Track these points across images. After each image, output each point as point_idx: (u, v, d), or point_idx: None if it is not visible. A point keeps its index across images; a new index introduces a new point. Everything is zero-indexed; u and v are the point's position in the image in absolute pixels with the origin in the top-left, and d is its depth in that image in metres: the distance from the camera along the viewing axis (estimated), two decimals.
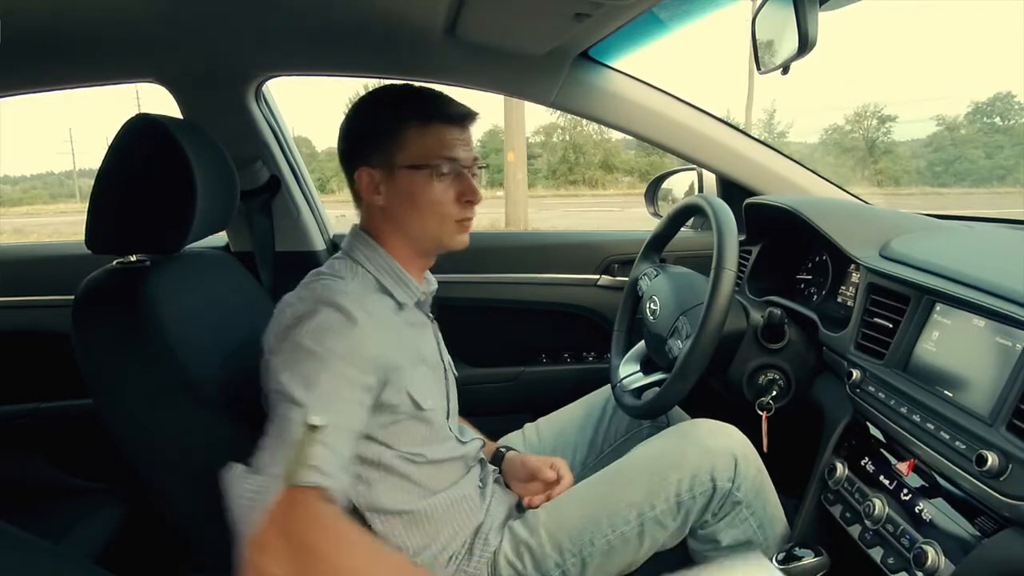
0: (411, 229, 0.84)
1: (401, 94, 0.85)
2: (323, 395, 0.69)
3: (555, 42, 1.12)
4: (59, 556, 0.61)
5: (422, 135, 0.81)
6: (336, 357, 0.71)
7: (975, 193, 15.26)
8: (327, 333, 0.72)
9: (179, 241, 0.83)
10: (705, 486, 0.86)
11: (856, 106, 25.08)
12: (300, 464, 0.66)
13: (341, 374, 0.71)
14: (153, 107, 1.05)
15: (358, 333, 0.73)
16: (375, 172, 0.82)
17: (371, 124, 0.83)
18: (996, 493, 0.62)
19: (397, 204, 0.83)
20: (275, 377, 0.71)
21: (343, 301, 0.74)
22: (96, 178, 0.79)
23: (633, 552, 0.87)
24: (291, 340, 0.72)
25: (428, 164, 0.81)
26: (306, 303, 0.75)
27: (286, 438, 0.67)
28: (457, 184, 0.83)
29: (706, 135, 1.31)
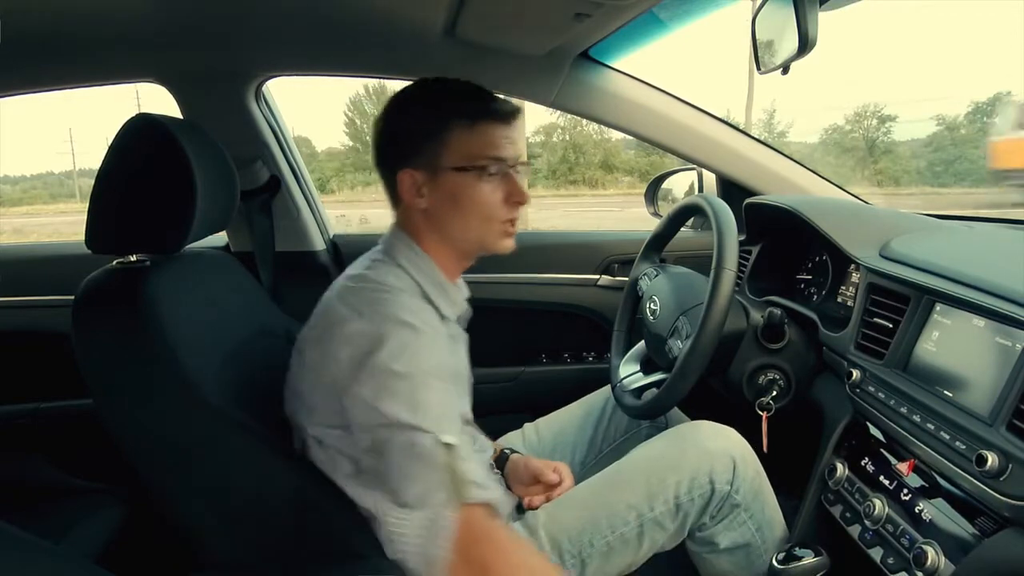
0: (455, 232, 0.81)
1: (445, 91, 0.81)
2: (438, 415, 0.69)
3: (555, 42, 1.12)
4: (59, 556, 0.61)
5: (468, 135, 0.78)
6: (427, 374, 0.70)
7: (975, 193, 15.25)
8: (408, 352, 0.70)
9: (179, 241, 0.83)
10: (703, 488, 0.86)
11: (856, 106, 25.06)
12: (461, 484, 0.66)
13: (439, 388, 0.71)
14: (153, 107, 1.05)
15: (433, 346, 0.73)
16: (418, 174, 0.79)
17: (414, 124, 0.79)
18: (996, 493, 0.62)
19: (441, 207, 0.79)
20: (372, 407, 0.69)
21: (408, 317, 0.72)
22: (96, 178, 0.79)
23: (632, 553, 0.87)
24: (375, 367, 0.69)
25: (475, 165, 0.78)
26: (372, 322, 0.71)
27: (428, 464, 0.66)
28: (504, 185, 0.80)
29: (706, 135, 1.31)
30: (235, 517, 0.79)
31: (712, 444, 0.89)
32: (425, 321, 0.74)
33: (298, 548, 0.79)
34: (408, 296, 0.77)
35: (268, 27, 1.15)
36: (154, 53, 1.19)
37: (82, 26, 1.07)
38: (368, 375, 0.69)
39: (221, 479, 0.78)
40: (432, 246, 0.82)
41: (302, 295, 1.37)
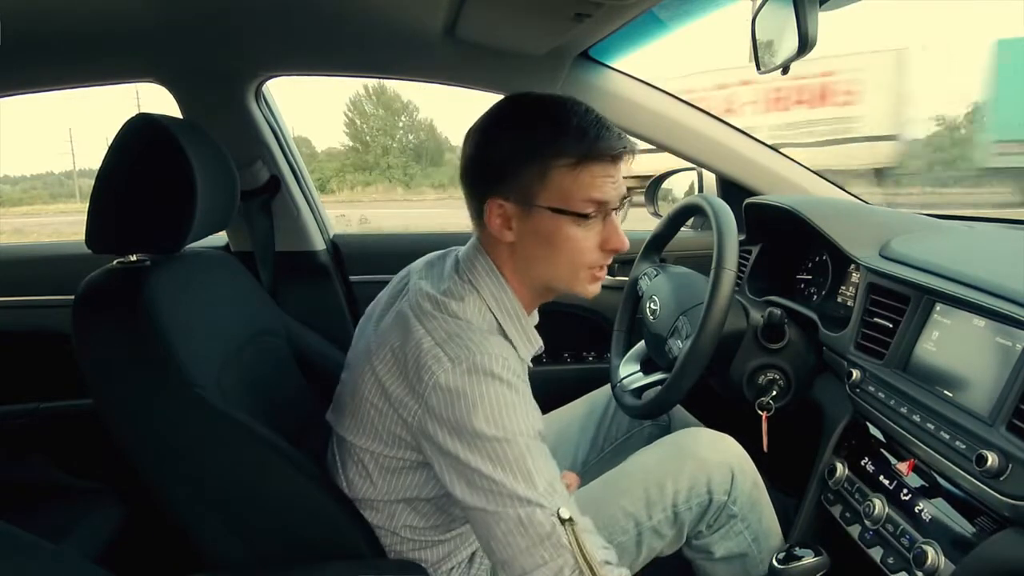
0: (539, 272, 0.75)
1: (551, 121, 0.70)
2: (549, 484, 0.65)
3: (555, 42, 1.12)
4: (59, 556, 0.61)
5: (571, 176, 0.69)
6: (529, 437, 0.66)
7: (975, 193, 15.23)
8: (505, 413, 0.65)
9: (179, 241, 0.83)
10: (701, 497, 0.87)
11: None
12: (591, 566, 0.63)
13: (540, 452, 0.67)
14: (153, 107, 1.05)
15: (528, 403, 0.69)
16: (508, 205, 0.71)
17: (512, 153, 0.70)
18: (996, 493, 0.62)
19: (529, 244, 0.72)
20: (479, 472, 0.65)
21: (500, 370, 0.67)
22: (96, 178, 0.79)
23: (630, 560, 0.87)
24: (474, 431, 0.65)
25: (572, 211, 0.70)
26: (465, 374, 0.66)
27: (555, 545, 0.63)
28: (603, 228, 0.73)
29: (706, 135, 1.31)
30: (235, 517, 0.79)
31: (711, 454, 0.89)
32: (513, 371, 0.69)
33: (298, 548, 0.79)
34: (492, 338, 0.71)
35: (268, 27, 1.15)
36: (154, 53, 1.19)
37: (82, 26, 1.07)
38: (470, 437, 0.65)
39: (221, 479, 0.78)
40: (514, 277, 0.76)
41: (302, 295, 1.38)
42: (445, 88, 1.34)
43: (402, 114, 21.49)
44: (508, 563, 0.65)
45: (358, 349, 0.80)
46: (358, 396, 0.75)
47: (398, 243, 1.60)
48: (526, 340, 0.78)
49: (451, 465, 0.67)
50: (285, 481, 0.77)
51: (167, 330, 0.76)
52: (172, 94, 1.25)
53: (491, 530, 0.65)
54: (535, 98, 0.73)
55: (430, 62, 1.23)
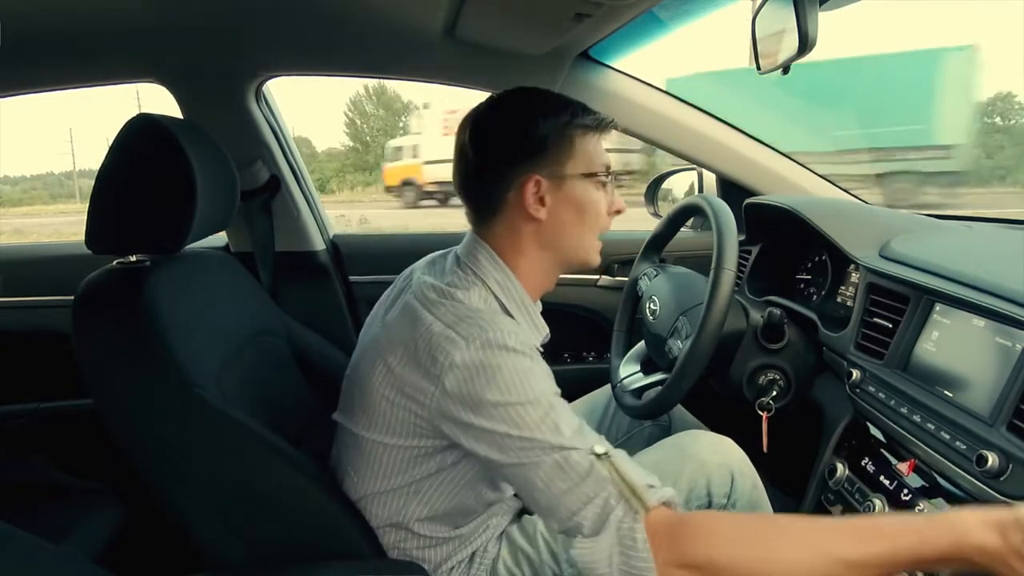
0: (568, 244, 0.79)
1: (563, 99, 0.78)
2: (576, 429, 0.66)
3: (555, 42, 1.12)
4: (59, 556, 0.61)
5: (589, 142, 0.77)
6: (549, 395, 0.68)
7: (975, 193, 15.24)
8: (523, 379, 0.67)
9: (179, 241, 0.83)
10: (701, 500, 0.86)
11: None
12: (634, 490, 0.63)
13: (564, 406, 0.69)
14: (153, 107, 1.05)
15: (543, 367, 0.71)
16: (543, 181, 0.75)
17: (544, 129, 0.75)
18: (996, 493, 0.62)
19: (560, 217, 0.76)
20: (507, 436, 0.66)
21: (513, 343, 0.68)
22: (96, 178, 0.79)
23: None
24: (495, 402, 0.66)
25: (595, 172, 0.77)
26: (479, 351, 0.67)
27: (596, 479, 0.63)
28: (607, 195, 0.80)
29: (706, 135, 1.31)
30: (235, 517, 0.79)
31: (710, 456, 0.88)
32: (526, 343, 0.70)
33: (298, 548, 0.79)
34: (501, 317, 0.73)
35: (268, 27, 1.15)
36: (154, 53, 1.19)
37: (82, 26, 1.07)
38: (492, 409, 0.66)
39: (221, 479, 0.78)
40: (527, 264, 0.79)
41: (302, 295, 1.38)
42: (444, 88, 1.34)
43: (402, 114, 21.50)
44: (554, 510, 0.65)
45: (365, 345, 0.80)
46: (369, 391, 0.75)
47: (398, 243, 1.60)
48: (533, 327, 0.80)
49: (478, 437, 0.68)
50: (285, 481, 0.77)
51: (167, 330, 0.76)
52: (172, 94, 1.25)
53: (531, 482, 0.66)
54: (531, 88, 0.80)
55: (430, 62, 1.23)
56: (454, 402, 0.68)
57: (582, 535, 0.64)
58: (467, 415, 0.68)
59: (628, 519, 0.62)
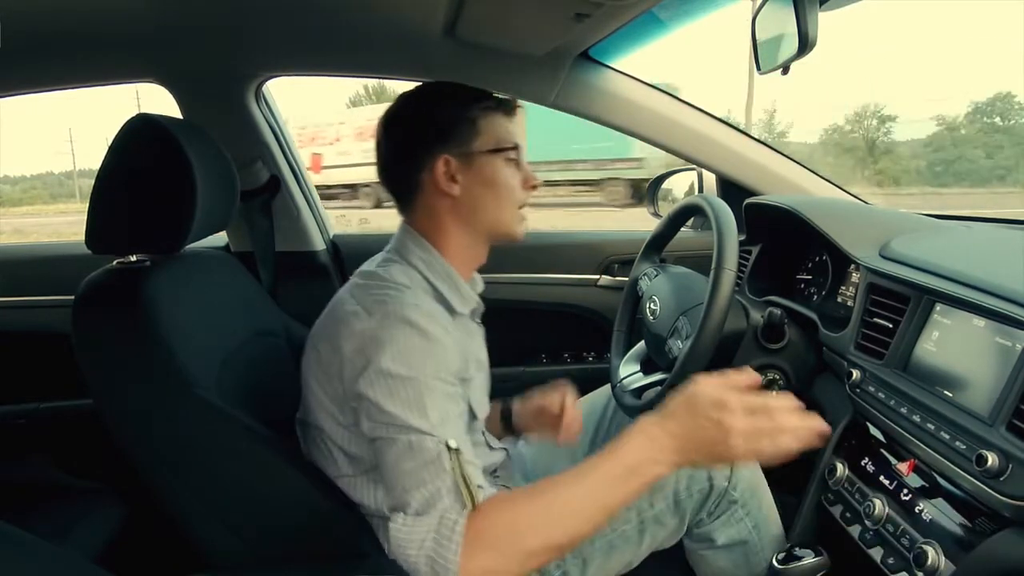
0: (487, 216, 0.84)
1: (458, 86, 0.85)
2: (441, 418, 0.69)
3: (555, 42, 1.12)
4: (59, 556, 0.61)
5: (495, 121, 0.83)
6: (432, 378, 0.71)
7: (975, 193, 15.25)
8: (412, 354, 0.70)
9: (179, 241, 0.83)
10: (702, 484, 0.87)
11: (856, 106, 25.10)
12: (471, 487, 0.67)
13: (444, 393, 0.71)
14: (153, 107, 1.05)
15: (440, 349, 0.73)
16: (453, 160, 0.81)
17: (448, 112, 0.82)
18: (996, 493, 0.62)
19: (474, 191, 0.82)
20: (377, 407, 0.70)
21: (415, 317, 0.72)
22: (96, 178, 0.79)
23: (633, 550, 0.87)
24: (379, 368, 0.70)
25: (504, 147, 0.83)
26: (378, 321, 0.72)
27: (437, 468, 0.67)
28: (521, 170, 0.85)
29: (706, 135, 1.31)
30: (235, 517, 0.79)
31: None
32: (433, 320, 0.74)
33: (298, 548, 0.79)
34: (418, 294, 0.77)
35: (268, 27, 1.14)
36: (154, 53, 1.19)
37: (82, 26, 1.07)
38: (374, 375, 0.70)
39: (221, 479, 0.78)
40: (450, 241, 0.84)
41: (302, 295, 1.38)
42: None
43: None
44: (392, 486, 0.69)
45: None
46: (305, 379, 0.79)
47: None
48: (459, 297, 0.84)
49: (361, 406, 0.72)
50: (285, 480, 0.77)
51: (167, 330, 0.76)
52: (172, 94, 1.25)
53: (384, 457, 0.70)
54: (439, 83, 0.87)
55: (430, 62, 1.23)
56: (350, 367, 0.72)
57: (405, 513, 0.67)
58: (358, 380, 0.71)
59: (454, 512, 0.66)
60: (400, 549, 0.66)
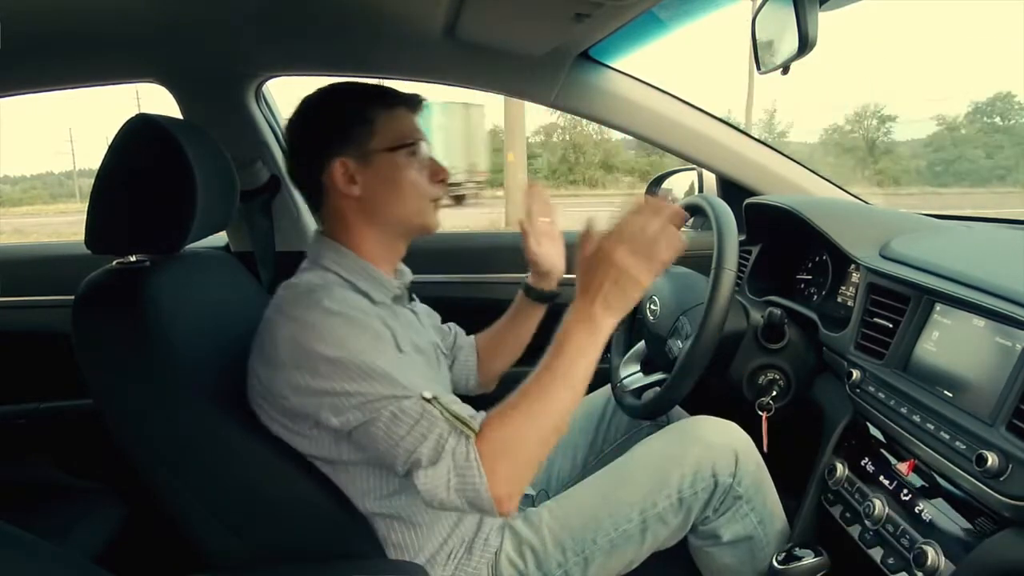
0: (392, 213, 0.84)
1: (357, 86, 0.85)
2: (404, 375, 0.72)
3: (555, 42, 1.12)
4: (59, 556, 0.61)
5: (391, 119, 0.83)
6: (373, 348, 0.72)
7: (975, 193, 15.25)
8: (346, 336, 0.72)
9: (179, 241, 0.83)
10: (706, 481, 0.87)
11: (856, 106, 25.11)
12: (463, 423, 0.71)
13: (392, 356, 0.74)
14: (153, 107, 1.05)
15: (366, 325, 0.74)
16: (349, 161, 0.81)
17: (339, 113, 0.82)
18: (996, 493, 0.62)
19: (376, 190, 0.82)
20: (341, 394, 0.71)
21: (332, 305, 0.74)
22: (96, 178, 0.79)
23: (635, 549, 0.87)
24: (324, 358, 0.71)
25: (403, 144, 0.82)
26: (300, 320, 0.73)
27: (428, 420, 0.70)
28: (428, 164, 0.85)
29: (706, 135, 1.31)
30: (235, 517, 0.79)
31: (714, 438, 0.89)
32: (353, 307, 0.75)
33: (298, 548, 0.79)
34: (332, 289, 0.78)
35: (268, 27, 1.14)
36: (154, 53, 1.19)
37: (82, 26, 1.07)
38: (322, 367, 0.71)
39: (221, 479, 0.78)
40: (364, 240, 0.84)
41: None
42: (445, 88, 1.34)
43: None
44: (394, 453, 0.71)
45: None
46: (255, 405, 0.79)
47: None
48: (379, 287, 0.84)
49: (318, 403, 0.72)
50: (285, 482, 0.77)
51: (167, 330, 0.76)
52: (172, 94, 1.25)
53: (372, 436, 0.71)
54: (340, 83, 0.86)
55: (430, 62, 1.23)
56: (286, 371, 0.73)
57: (422, 468, 0.69)
58: (302, 378, 0.72)
59: (461, 445, 0.69)
60: (433, 498, 0.69)
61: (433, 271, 1.44)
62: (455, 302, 1.45)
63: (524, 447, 0.71)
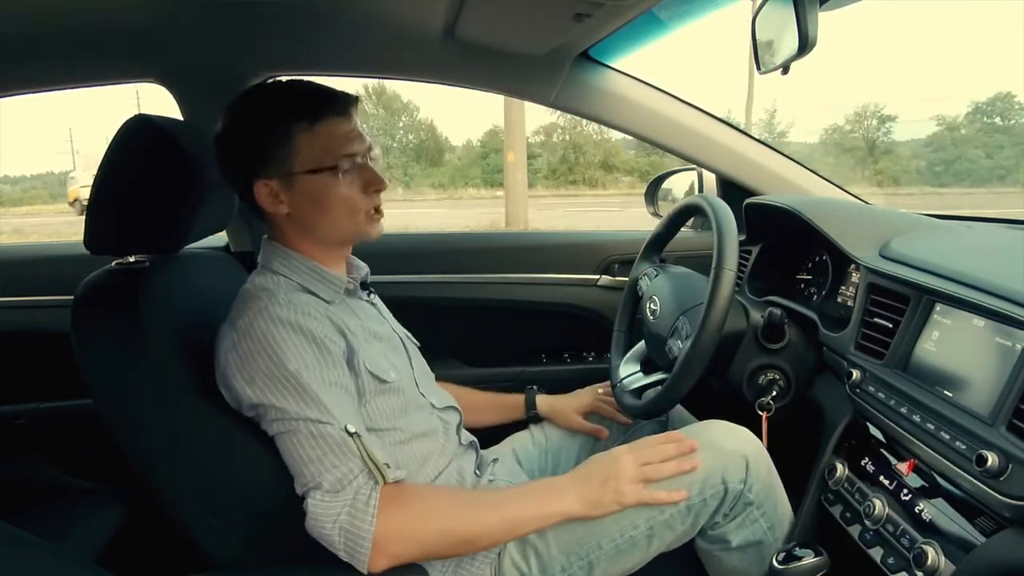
0: (321, 231, 0.83)
1: (281, 95, 0.81)
2: (336, 405, 0.73)
3: (555, 42, 1.12)
4: (59, 556, 0.61)
5: (314, 137, 0.79)
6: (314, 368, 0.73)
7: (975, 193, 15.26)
8: (288, 350, 0.73)
9: (178, 241, 0.83)
10: (716, 488, 0.85)
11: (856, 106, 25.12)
12: (377, 467, 0.72)
13: (331, 382, 0.74)
14: (153, 107, 1.05)
15: (311, 336, 0.75)
16: (272, 182, 0.80)
17: (258, 134, 0.79)
18: (996, 493, 0.62)
19: (303, 210, 0.81)
20: (271, 406, 0.72)
21: (282, 313, 0.74)
22: (95, 178, 0.79)
23: (641, 554, 0.86)
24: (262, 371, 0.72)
25: (326, 166, 0.79)
26: (243, 330, 0.74)
27: (345, 452, 0.71)
28: (361, 175, 0.82)
29: (706, 135, 1.31)
30: (235, 516, 0.79)
31: (725, 443, 0.88)
32: (302, 311, 0.76)
33: (298, 548, 0.79)
34: (280, 293, 0.78)
35: (268, 27, 1.15)
36: (154, 53, 1.19)
37: (82, 26, 1.07)
38: (259, 379, 0.73)
39: (221, 479, 0.78)
40: (306, 246, 0.84)
41: None
42: (445, 88, 1.34)
43: (402, 114, 21.53)
44: (300, 475, 0.72)
45: None
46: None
47: (398, 243, 1.60)
48: (326, 284, 0.84)
49: (259, 413, 0.74)
50: (285, 481, 0.77)
51: (166, 331, 0.77)
52: (172, 94, 1.25)
53: (287, 450, 0.72)
54: (264, 86, 0.84)
55: (430, 62, 1.23)
56: (239, 383, 0.74)
57: (319, 492, 0.70)
58: (245, 390, 0.73)
59: (367, 487, 0.71)
60: (315, 525, 0.70)
61: (433, 271, 1.44)
62: (452, 302, 1.45)
63: (430, 523, 0.73)
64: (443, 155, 22.76)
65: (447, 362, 1.43)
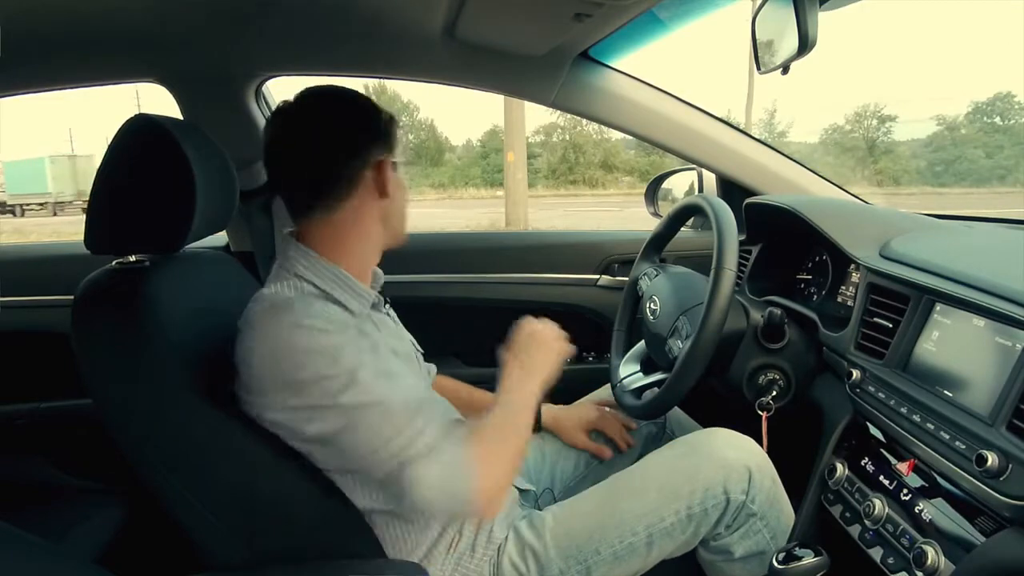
0: (400, 220, 0.87)
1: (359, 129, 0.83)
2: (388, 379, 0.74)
3: (555, 42, 1.12)
4: (59, 556, 0.61)
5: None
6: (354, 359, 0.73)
7: (975, 193, 15.26)
8: (321, 356, 0.72)
9: (179, 241, 0.83)
10: (718, 499, 0.85)
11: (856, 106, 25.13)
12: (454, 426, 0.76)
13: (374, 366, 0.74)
14: (153, 107, 1.05)
15: (344, 339, 0.74)
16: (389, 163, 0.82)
17: (373, 116, 0.82)
18: (996, 493, 0.62)
19: (397, 195, 0.84)
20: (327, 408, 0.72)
21: (309, 321, 0.73)
22: (95, 178, 0.79)
23: (640, 562, 0.86)
24: (297, 382, 0.72)
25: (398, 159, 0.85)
26: (275, 338, 0.73)
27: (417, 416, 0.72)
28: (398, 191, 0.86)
29: (706, 135, 1.31)
30: (235, 517, 0.79)
31: (728, 453, 0.87)
32: (327, 319, 0.74)
33: (298, 548, 0.79)
34: (306, 301, 0.77)
35: (268, 27, 1.14)
36: (154, 53, 1.19)
37: (82, 26, 1.07)
38: (298, 388, 0.72)
39: (221, 479, 0.78)
40: (353, 246, 0.83)
41: None
42: (446, 88, 1.34)
43: (402, 114, 21.53)
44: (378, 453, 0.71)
45: None
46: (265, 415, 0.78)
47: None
48: (355, 295, 0.82)
49: (301, 417, 0.73)
50: (284, 481, 0.77)
51: (167, 330, 0.76)
52: (172, 94, 1.25)
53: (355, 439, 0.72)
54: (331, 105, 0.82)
55: (430, 62, 1.23)
56: (268, 395, 0.73)
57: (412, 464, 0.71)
58: (288, 398, 0.73)
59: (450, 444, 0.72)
60: (420, 496, 0.71)
61: (432, 271, 1.44)
62: (452, 302, 1.45)
63: (506, 453, 0.76)
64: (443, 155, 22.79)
65: (447, 362, 1.43)
